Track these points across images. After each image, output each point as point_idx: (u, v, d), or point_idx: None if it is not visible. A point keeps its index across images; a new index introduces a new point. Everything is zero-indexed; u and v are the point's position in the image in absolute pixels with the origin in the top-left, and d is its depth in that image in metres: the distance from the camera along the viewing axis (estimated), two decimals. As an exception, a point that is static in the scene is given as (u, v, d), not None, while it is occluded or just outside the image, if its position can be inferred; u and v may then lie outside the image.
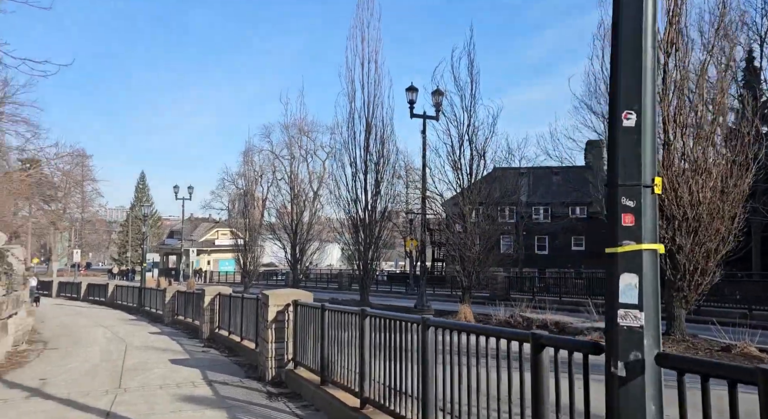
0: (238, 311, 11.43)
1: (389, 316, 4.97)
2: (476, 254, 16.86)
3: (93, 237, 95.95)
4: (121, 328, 16.80)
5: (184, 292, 18.20)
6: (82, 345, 12.61)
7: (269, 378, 7.74)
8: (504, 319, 14.16)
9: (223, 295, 13.27)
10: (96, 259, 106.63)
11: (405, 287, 33.25)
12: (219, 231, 65.43)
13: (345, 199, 23.77)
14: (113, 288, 29.42)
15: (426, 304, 19.38)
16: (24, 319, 12.20)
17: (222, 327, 13.00)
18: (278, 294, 8.01)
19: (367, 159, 23.47)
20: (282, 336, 7.87)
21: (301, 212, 28.98)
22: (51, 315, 22.30)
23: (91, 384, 7.65)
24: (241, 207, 34.20)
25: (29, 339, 13.81)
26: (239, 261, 34.00)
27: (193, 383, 7.67)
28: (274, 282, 47.52)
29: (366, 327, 5.30)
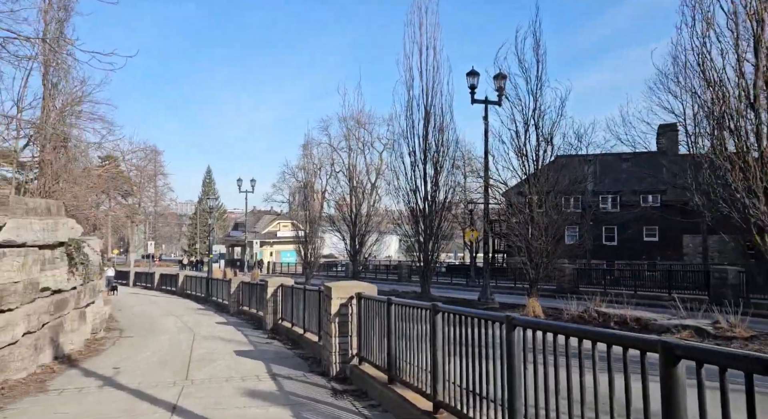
0: (300, 303, 11.34)
1: (465, 313, 4.52)
2: (544, 245, 15.99)
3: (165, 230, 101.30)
4: (189, 318, 17.30)
5: (248, 283, 18.50)
6: (153, 334, 13.00)
7: (333, 373, 7.51)
8: (577, 314, 13.32)
9: (285, 287, 13.26)
10: (168, 250, 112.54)
11: (466, 279, 32.57)
12: (280, 223, 66.99)
13: (404, 189, 23.42)
14: (183, 279, 30.63)
15: (490, 297, 18.73)
16: (101, 308, 12.70)
17: (285, 319, 13.01)
18: (341, 286, 7.74)
19: (425, 148, 22.96)
20: (346, 330, 7.61)
21: (359, 204, 28.90)
22: (127, 304, 23.45)
23: (160, 375, 7.71)
24: (301, 199, 34.56)
25: (107, 327, 14.42)
26: (300, 253, 34.44)
27: (257, 376, 7.56)
28: (335, 273, 48.05)
29: (438, 323, 4.89)
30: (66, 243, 9.92)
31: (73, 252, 10.10)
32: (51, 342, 8.82)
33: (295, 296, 12.01)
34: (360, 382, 6.89)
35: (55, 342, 9.01)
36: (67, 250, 9.93)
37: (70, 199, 18.50)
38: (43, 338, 8.47)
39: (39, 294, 8.52)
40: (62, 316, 9.52)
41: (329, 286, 7.79)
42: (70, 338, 9.90)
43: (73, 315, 10.17)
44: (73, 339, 10.09)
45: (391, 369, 5.99)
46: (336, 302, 7.63)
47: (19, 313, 7.55)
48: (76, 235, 10.71)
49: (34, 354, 8.04)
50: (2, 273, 7.19)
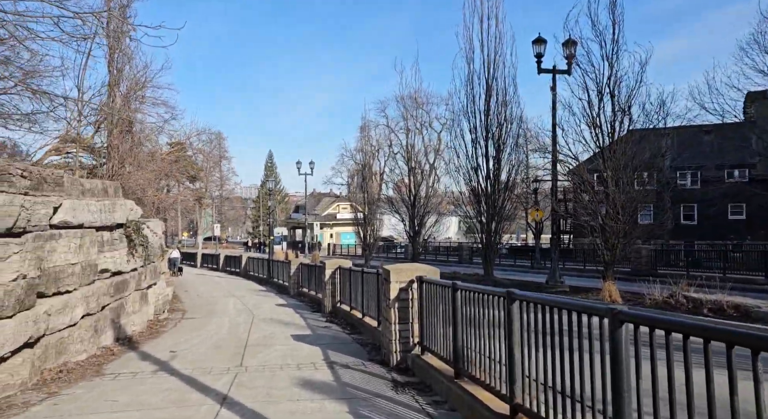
0: (358, 286, 10.86)
1: (551, 302, 3.75)
2: (620, 224, 14.63)
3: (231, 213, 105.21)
4: (250, 299, 17.38)
5: (307, 265, 18.34)
6: (214, 316, 13.00)
7: (394, 363, 6.94)
8: (662, 299, 12.06)
9: (342, 269, 12.85)
10: (234, 233, 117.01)
11: (530, 261, 31.18)
12: (340, 205, 67.40)
13: (464, 168, 22.40)
14: (246, 260, 31.25)
15: (559, 280, 17.59)
16: (163, 289, 12.83)
17: (343, 302, 12.62)
18: (400, 269, 7.12)
19: (487, 124, 21.79)
20: (406, 316, 7.00)
21: (418, 184, 28.15)
22: (193, 284, 24.10)
23: (214, 360, 7.44)
24: (360, 181, 34.22)
25: (171, 308, 14.65)
26: (359, 234, 34.25)
27: (314, 364, 7.12)
28: (394, 255, 47.77)
29: (515, 314, 4.15)
30: (125, 225, 9.89)
31: (132, 233, 10.06)
32: (112, 324, 8.81)
33: (353, 279, 11.55)
34: (423, 374, 6.27)
35: (116, 324, 9.01)
36: (126, 232, 9.90)
37: (134, 182, 18.97)
38: (103, 320, 8.45)
39: (98, 276, 8.47)
40: (123, 298, 9.52)
41: (387, 269, 7.20)
42: (131, 320, 9.93)
43: (134, 296, 10.19)
44: (135, 321, 10.12)
45: (458, 362, 5.33)
46: (395, 286, 7.02)
47: (77, 295, 7.48)
48: (135, 217, 10.70)
49: (95, 336, 8.01)
50: (59, 254, 7.09)
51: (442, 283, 6.04)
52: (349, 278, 11.84)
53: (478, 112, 21.87)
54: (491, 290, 4.87)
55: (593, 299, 13.78)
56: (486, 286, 5.35)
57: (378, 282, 9.12)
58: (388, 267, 7.26)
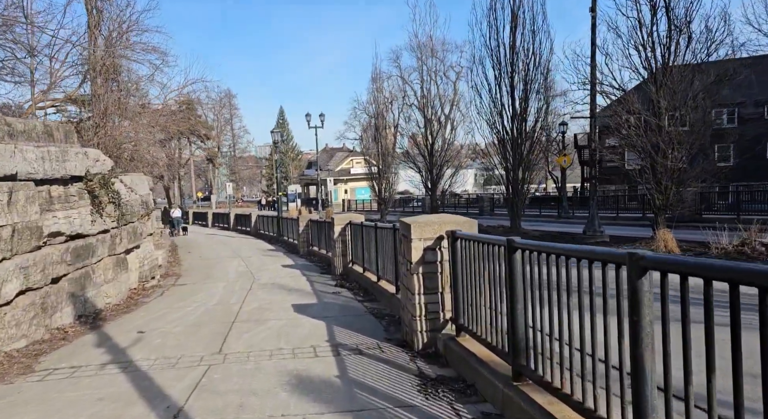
0: (372, 244, 9.10)
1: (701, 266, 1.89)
2: (675, 163, 12.49)
3: (246, 172, 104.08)
4: (255, 260, 15.84)
5: (316, 221, 16.65)
6: (210, 281, 11.45)
7: (418, 346, 5.21)
8: (732, 248, 10.10)
9: (354, 225, 11.09)
10: (250, 192, 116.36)
11: (557, 210, 29.14)
12: (353, 159, 65.38)
13: (487, 110, 20.13)
14: (255, 219, 29.76)
15: (598, 230, 15.66)
16: (150, 253, 11.25)
17: (355, 262, 10.93)
18: (424, 222, 5.27)
19: (513, 59, 19.35)
20: (434, 285, 5.22)
21: (435, 133, 25.93)
22: (199, 245, 22.72)
23: (188, 344, 5.80)
24: (373, 132, 32.05)
25: (166, 273, 13.16)
26: (374, 189, 32.43)
27: (314, 348, 5.44)
28: (411, 208, 46.04)
29: (643, 296, 2.30)
30: (85, 178, 8.14)
31: (97, 188, 8.33)
32: (71, 299, 7.21)
33: (365, 235, 9.79)
34: (461, 366, 4.53)
35: (77, 298, 7.41)
36: (88, 187, 8.16)
37: (121, 135, 17.18)
38: (56, 295, 6.83)
39: (46, 241, 6.80)
40: (88, 266, 7.89)
41: (407, 223, 5.35)
42: (103, 291, 8.35)
43: (106, 263, 8.57)
44: (109, 292, 8.54)
45: (518, 357, 3.53)
46: (418, 245, 5.20)
47: (8, 266, 5.82)
48: (103, 169, 8.94)
49: (41, 316, 6.40)
50: (-24, 215, 5.39)
51: (487, 240, 4.18)
52: (361, 235, 10.08)
53: (502, 45, 19.41)
54: (567, 248, 3.03)
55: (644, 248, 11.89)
56: (568, 245, 3.45)
57: (395, 240, 7.34)
58: (408, 221, 5.42)
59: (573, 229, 21.66)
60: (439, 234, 5.21)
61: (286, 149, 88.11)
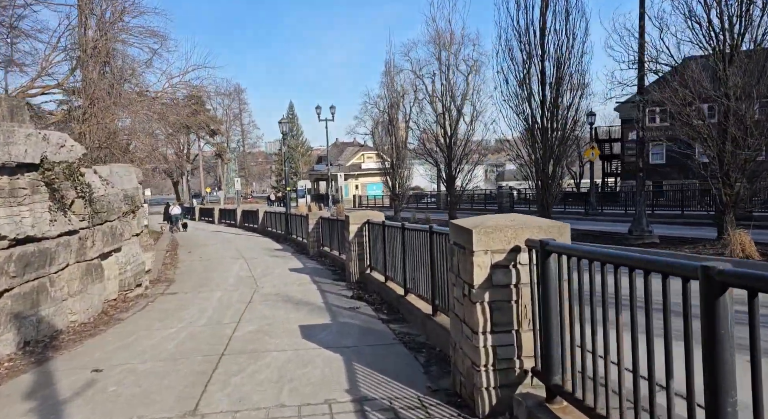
0: (396, 248, 7.45)
1: None
2: (749, 151, 10.59)
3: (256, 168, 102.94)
4: (260, 262, 14.23)
5: (328, 219, 15.00)
6: (205, 290, 9.84)
7: (483, 409, 3.51)
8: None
9: (373, 224, 9.42)
10: (260, 188, 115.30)
11: (585, 206, 27.23)
12: (364, 154, 63.75)
13: (513, 95, 18.28)
14: (263, 216, 28.20)
15: (647, 229, 13.83)
16: (136, 256, 9.66)
17: (375, 268, 9.27)
18: (492, 227, 3.54)
19: (543, 40, 17.50)
20: (507, 320, 3.52)
21: (455, 122, 24.07)
22: (201, 244, 21.20)
23: (153, 396, 4.15)
24: (386, 123, 30.30)
25: (158, 277, 11.60)
26: (387, 184, 30.72)
27: (330, 408, 3.76)
28: (425, 205, 44.33)
29: None
30: (42, 167, 6.52)
31: (57, 180, 6.72)
32: (14, 321, 5.60)
33: (388, 237, 8.12)
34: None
35: (25, 320, 5.81)
36: (46, 178, 6.55)
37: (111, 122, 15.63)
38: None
39: (-22, 248, 5.18)
40: (44, 276, 6.29)
41: (466, 227, 3.64)
42: (66, 307, 6.75)
43: (71, 272, 6.97)
44: (75, 307, 6.95)
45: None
46: (483, 261, 3.49)
47: None
48: (70, 157, 7.33)
49: (-36, 349, 4.80)
50: None
51: (620, 260, 2.47)
52: (383, 237, 8.40)
53: (531, 24, 17.56)
54: None
55: (713, 253, 10.09)
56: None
57: (431, 246, 5.68)
58: (466, 224, 3.72)
59: (608, 227, 19.84)
60: (514, 244, 3.51)
61: (295, 144, 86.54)
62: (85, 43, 16.21)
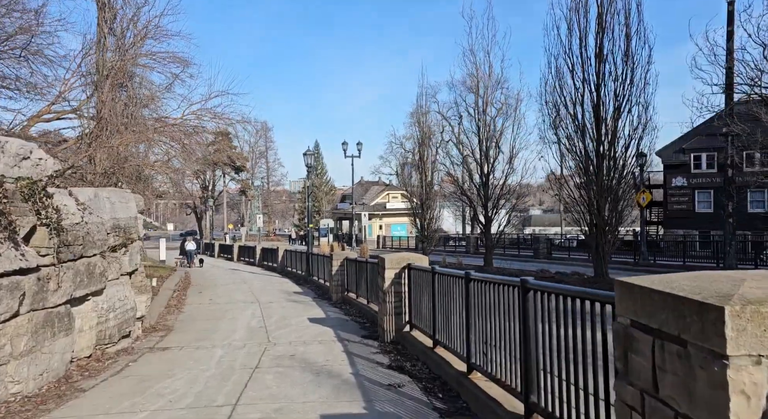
0: (455, 305, 5.51)
1: None
2: None
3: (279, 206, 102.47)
4: (276, 308, 12.32)
5: (355, 260, 13.10)
6: (204, 345, 7.95)
7: None
8: None
9: (417, 270, 7.50)
10: (283, 226, 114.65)
11: (634, 256, 24.78)
12: (390, 194, 62.33)
13: (564, 129, 16.47)
14: (283, 254, 26.44)
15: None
16: (124, 301, 7.87)
17: (418, 326, 7.30)
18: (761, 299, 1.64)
19: (600, 69, 15.82)
20: None
21: (493, 159, 22.28)
22: (215, 283, 19.45)
23: None
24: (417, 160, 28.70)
25: (153, 325, 9.77)
26: (415, 224, 28.84)
27: None
28: (452, 247, 42.11)
29: None
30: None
31: (14, 201, 5.03)
32: None
33: (441, 289, 6.19)
34: None
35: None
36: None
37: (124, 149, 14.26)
38: None
39: None
40: (-30, 333, 4.50)
41: (675, 295, 1.72)
42: (7, 373, 4.92)
43: (19, 324, 5.16)
44: (20, 373, 5.11)
45: None
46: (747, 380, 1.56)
47: None
48: (36, 173, 5.69)
49: None
50: None
51: None
52: (432, 288, 6.47)
53: (584, 50, 15.92)
54: None
55: None
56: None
57: (522, 314, 3.77)
58: (687, 293, 1.79)
59: None
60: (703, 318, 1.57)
61: (319, 183, 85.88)
62: (102, 64, 15.13)
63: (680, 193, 41.66)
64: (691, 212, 40.86)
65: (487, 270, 21.52)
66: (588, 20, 15.94)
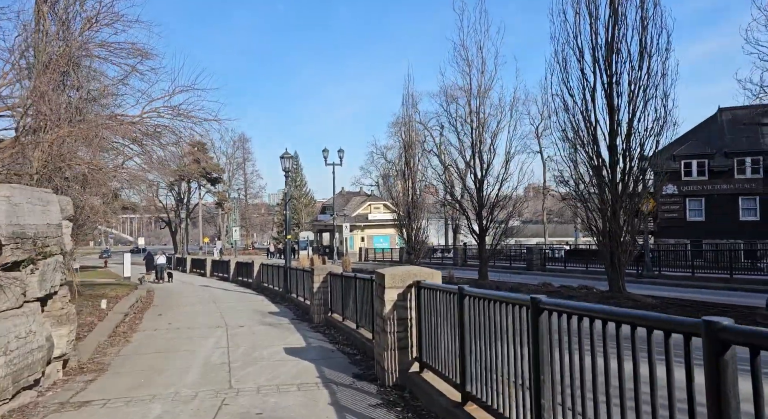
0: (482, 335, 3.54)
1: None
2: None
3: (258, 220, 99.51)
4: (245, 336, 10.17)
5: (341, 276, 11.05)
6: (141, 397, 5.82)
7: None
8: None
9: (428, 289, 5.54)
10: (261, 239, 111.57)
11: (636, 267, 23.16)
12: (371, 204, 60.35)
13: (573, 128, 14.77)
14: (258, 269, 24.15)
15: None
16: (28, 337, 5.71)
17: (435, 369, 5.32)
18: None
19: (612, 59, 14.22)
20: None
21: (488, 165, 20.54)
22: (180, 302, 17.16)
23: None
24: (401, 167, 26.88)
25: (83, 364, 7.58)
26: (402, 235, 26.90)
27: None
28: (439, 260, 40.22)
29: None
30: None
31: None
32: None
33: (476, 318, 4.22)
34: None
35: None
36: None
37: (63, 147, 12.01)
38: None
39: None
40: None
41: None
42: None
43: None
44: None
45: None
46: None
47: None
48: None
49: None
50: None
51: None
52: (459, 318, 4.50)
53: (595, 35, 14.30)
54: None
55: None
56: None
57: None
58: None
59: (711, 297, 15.70)
60: None
61: (299, 195, 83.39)
62: (43, 49, 12.94)
63: (671, 201, 40.46)
64: (682, 221, 39.72)
65: (483, 285, 19.71)
66: (597, 5, 14.41)
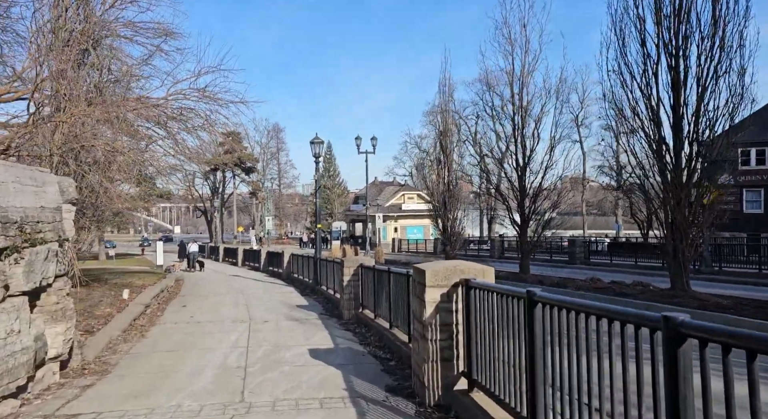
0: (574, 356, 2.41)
1: None
2: None
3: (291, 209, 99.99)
4: (269, 332, 9.30)
5: (373, 269, 10.04)
6: (133, 416, 4.96)
7: None
8: None
9: (480, 289, 4.44)
10: (295, 230, 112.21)
11: (694, 263, 21.30)
12: (405, 194, 59.19)
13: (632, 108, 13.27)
14: (289, 259, 23.45)
15: None
16: (9, 337, 4.93)
17: (484, 386, 4.22)
18: None
19: (682, 29, 12.61)
20: None
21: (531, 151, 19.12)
22: (208, 292, 16.58)
23: None
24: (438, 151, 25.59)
25: (86, 364, 6.83)
26: (438, 225, 25.73)
27: None
28: (475, 251, 38.85)
29: None
30: None
31: None
32: None
33: (553, 329, 3.10)
34: None
35: None
36: None
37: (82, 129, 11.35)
38: None
39: None
40: None
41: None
42: None
43: None
44: None
45: None
46: None
47: None
48: None
49: None
50: None
51: None
52: (530, 331, 3.38)
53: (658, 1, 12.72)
54: None
55: None
56: None
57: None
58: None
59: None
60: None
61: (332, 185, 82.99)
62: (63, 25, 12.32)
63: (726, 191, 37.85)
64: (738, 213, 37.13)
65: (525, 279, 18.43)
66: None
